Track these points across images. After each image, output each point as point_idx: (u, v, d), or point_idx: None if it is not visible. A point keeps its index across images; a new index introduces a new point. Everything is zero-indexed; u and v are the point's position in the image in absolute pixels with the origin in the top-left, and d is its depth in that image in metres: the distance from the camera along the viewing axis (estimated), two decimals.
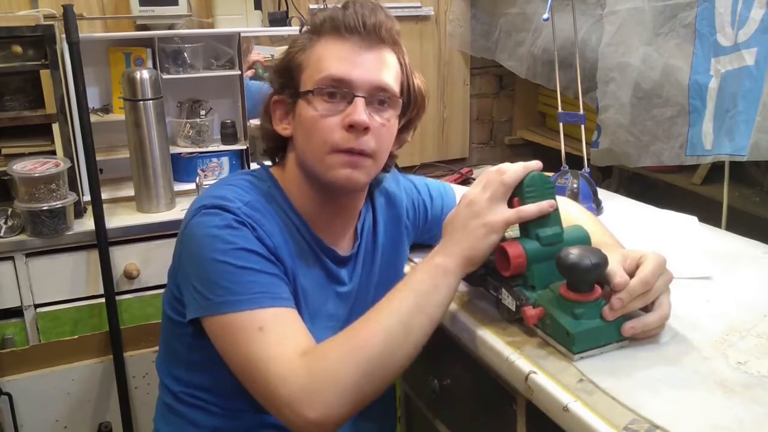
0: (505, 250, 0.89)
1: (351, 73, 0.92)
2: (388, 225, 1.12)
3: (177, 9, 1.86)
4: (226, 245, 0.88)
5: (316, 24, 0.98)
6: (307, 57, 0.97)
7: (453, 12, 2.43)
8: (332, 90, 0.93)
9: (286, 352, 0.82)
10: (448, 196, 1.18)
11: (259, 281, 0.87)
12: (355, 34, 0.94)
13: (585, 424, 0.72)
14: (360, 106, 0.92)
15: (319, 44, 0.96)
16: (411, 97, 1.02)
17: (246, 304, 0.85)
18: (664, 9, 1.52)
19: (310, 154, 0.95)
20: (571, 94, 1.76)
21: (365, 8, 0.95)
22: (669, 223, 1.36)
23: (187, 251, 0.92)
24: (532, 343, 0.88)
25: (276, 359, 0.82)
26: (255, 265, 0.88)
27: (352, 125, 0.91)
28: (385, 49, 0.96)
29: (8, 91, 1.67)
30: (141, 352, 1.68)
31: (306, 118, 0.94)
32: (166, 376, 1.04)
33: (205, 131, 1.97)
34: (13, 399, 1.58)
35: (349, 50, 0.94)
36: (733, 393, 0.75)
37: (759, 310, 0.96)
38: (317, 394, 0.79)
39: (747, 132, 1.30)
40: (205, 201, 0.93)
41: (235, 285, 0.86)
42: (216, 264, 0.87)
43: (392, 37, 0.97)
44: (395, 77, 0.97)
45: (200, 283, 0.89)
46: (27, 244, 1.58)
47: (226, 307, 0.86)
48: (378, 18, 0.94)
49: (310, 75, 0.95)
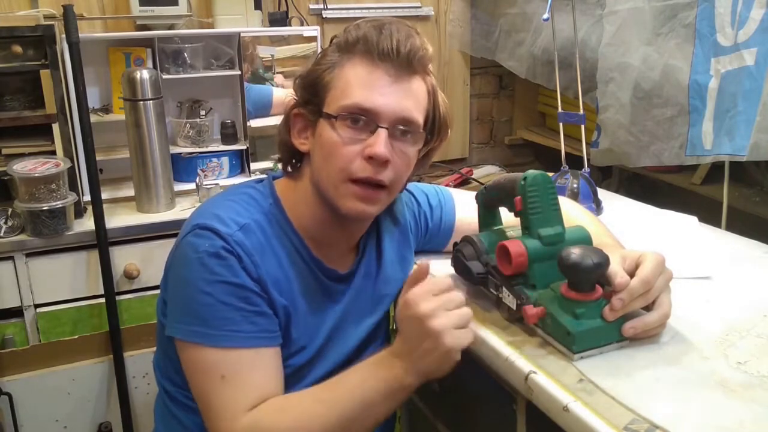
0: (506, 248, 0.89)
1: (377, 104, 0.90)
2: (393, 240, 1.11)
3: (177, 9, 1.86)
4: (212, 276, 0.88)
5: (349, 42, 0.94)
6: (335, 77, 0.93)
7: (453, 12, 2.43)
8: (356, 117, 0.91)
9: (234, 412, 0.86)
10: (447, 204, 1.18)
11: (234, 319, 0.89)
12: (387, 61, 0.91)
13: (585, 424, 0.72)
14: (382, 138, 0.90)
15: (348, 65, 0.93)
16: (435, 127, 1.00)
17: (217, 340, 0.88)
18: (664, 9, 1.52)
19: (325, 178, 0.94)
20: (571, 94, 1.76)
21: (401, 33, 0.92)
22: (669, 223, 1.36)
23: (175, 270, 0.93)
24: (532, 343, 0.88)
25: (224, 416, 0.87)
26: (235, 301, 0.89)
27: (372, 157, 0.90)
28: (415, 79, 0.94)
29: (8, 91, 1.67)
30: (141, 352, 1.68)
31: (326, 140, 0.93)
32: (162, 377, 1.05)
33: (205, 131, 1.97)
34: (13, 399, 1.58)
35: (378, 79, 0.91)
36: (733, 393, 0.75)
37: (759, 310, 0.96)
38: None
39: (747, 132, 1.31)
40: (201, 219, 0.92)
41: (212, 319, 0.88)
42: (198, 293, 0.88)
43: (423, 65, 0.94)
44: (421, 109, 0.95)
45: (181, 305, 0.91)
46: (27, 244, 1.58)
47: (197, 337, 0.88)
48: (413, 45, 0.91)
49: (335, 97, 0.93)
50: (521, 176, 0.92)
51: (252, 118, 1.98)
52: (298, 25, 2.16)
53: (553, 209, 0.92)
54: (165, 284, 0.97)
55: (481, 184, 1.92)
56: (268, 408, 0.87)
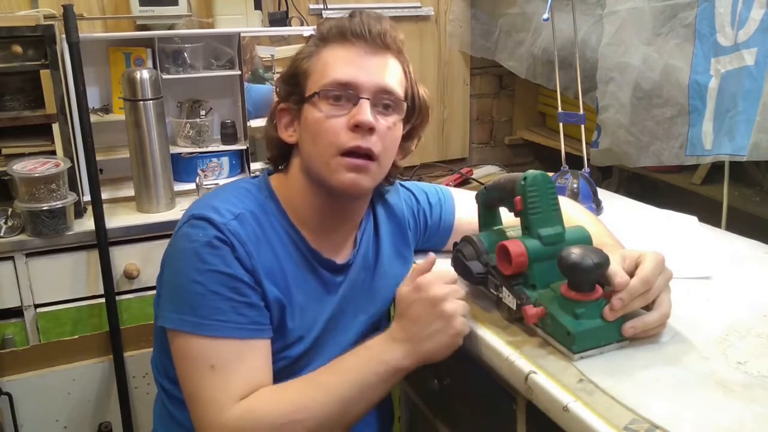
0: (507, 248, 0.89)
1: (356, 76, 0.94)
2: (391, 235, 1.12)
3: (177, 9, 1.86)
4: (204, 265, 0.89)
5: (323, 32, 0.99)
6: (313, 63, 0.98)
7: (453, 12, 2.43)
8: (338, 93, 0.94)
9: (223, 402, 0.86)
10: (447, 203, 1.18)
11: (224, 309, 0.89)
12: (361, 39, 0.96)
13: (585, 424, 0.72)
14: (365, 107, 0.93)
15: (325, 50, 0.98)
16: (415, 105, 1.03)
17: (206, 330, 0.88)
18: (664, 9, 1.52)
19: (315, 158, 0.96)
20: (571, 94, 1.76)
21: (371, 17, 0.97)
22: (669, 223, 1.36)
23: (170, 261, 0.94)
24: (532, 343, 0.88)
25: (213, 406, 0.86)
26: (226, 291, 0.89)
27: (358, 125, 0.92)
28: (389, 55, 0.98)
29: (8, 91, 1.67)
30: (141, 352, 1.68)
31: (312, 120, 0.95)
32: (160, 375, 1.05)
33: (205, 131, 1.97)
34: (13, 399, 1.58)
35: (355, 54, 0.96)
36: (733, 393, 0.75)
37: (759, 310, 0.96)
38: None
39: (747, 132, 1.31)
40: (197, 210, 0.94)
41: (201, 308, 0.88)
42: (190, 283, 0.89)
43: (397, 45, 0.99)
44: (400, 82, 0.99)
45: (173, 294, 0.92)
46: (27, 244, 1.58)
47: (187, 326, 0.89)
48: (383, 26, 0.97)
49: (315, 80, 0.97)
50: (521, 176, 0.92)
51: (252, 118, 1.98)
52: (298, 25, 2.16)
53: (553, 209, 0.92)
54: (160, 277, 0.98)
55: (481, 184, 1.92)
56: (261, 396, 0.88)
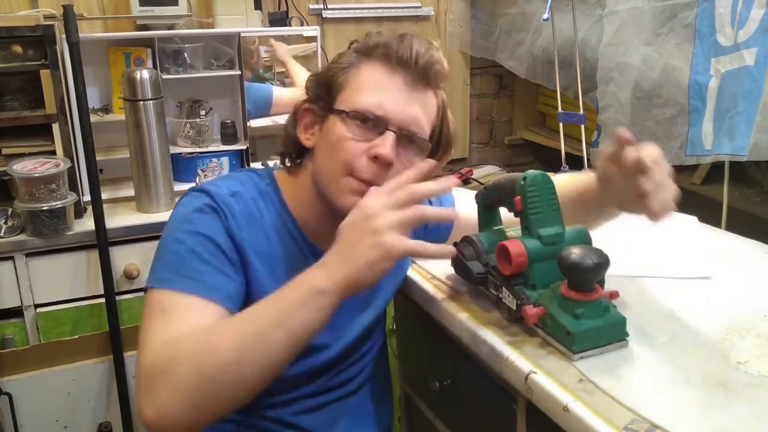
0: (506, 248, 0.89)
1: (389, 108, 0.91)
2: None
3: (177, 9, 1.86)
4: (189, 226, 0.90)
5: (368, 46, 0.95)
6: (350, 77, 0.95)
7: (453, 12, 2.43)
8: (366, 117, 0.92)
9: (156, 342, 0.80)
10: (446, 202, 1.18)
11: (197, 268, 0.87)
12: (405, 68, 0.92)
13: (585, 424, 0.72)
14: (390, 140, 0.91)
15: (365, 67, 0.94)
16: (440, 142, 1.01)
17: (173, 284, 0.85)
18: (664, 9, 1.52)
19: (327, 172, 0.94)
20: (571, 94, 1.76)
21: (421, 45, 0.93)
22: (669, 223, 1.36)
23: (164, 231, 0.94)
24: (532, 343, 0.88)
25: (147, 346, 0.80)
26: (204, 253, 0.88)
27: (377, 157, 0.90)
28: (428, 91, 0.95)
29: (8, 91, 1.67)
30: None
31: (334, 134, 0.93)
32: None
33: (205, 131, 1.97)
34: (13, 399, 1.58)
35: (394, 83, 0.93)
36: (733, 393, 0.75)
37: (759, 310, 0.96)
38: (154, 392, 0.76)
39: (747, 132, 1.31)
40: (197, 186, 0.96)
41: (174, 264, 0.87)
42: (172, 242, 0.89)
43: (439, 80, 0.96)
44: (429, 120, 0.96)
45: (157, 256, 0.91)
46: (27, 244, 1.58)
47: (162, 283, 0.86)
48: (431, 57, 0.93)
49: (348, 96, 0.94)
50: (521, 176, 0.92)
51: (252, 118, 1.98)
52: (298, 25, 2.16)
53: (553, 209, 0.92)
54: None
55: (481, 184, 1.92)
56: (181, 339, 0.80)
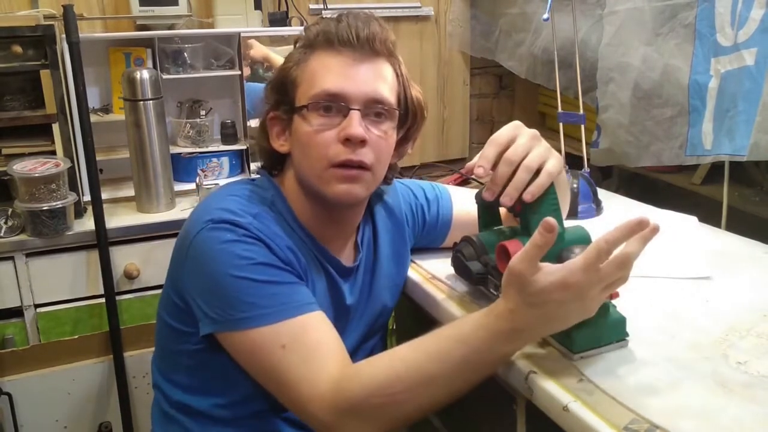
0: (506, 248, 0.89)
1: (345, 87, 0.91)
2: (389, 236, 1.11)
3: (177, 9, 1.86)
4: (243, 261, 0.87)
5: (310, 38, 0.96)
6: (301, 72, 0.95)
7: (453, 12, 2.43)
8: (327, 104, 0.92)
9: (313, 376, 0.83)
10: (443, 199, 1.18)
11: (281, 293, 0.87)
12: (349, 46, 0.92)
13: (585, 424, 0.72)
14: (355, 119, 0.91)
15: (312, 58, 0.95)
16: (408, 109, 1.00)
17: (270, 318, 0.85)
18: (664, 9, 1.52)
19: (308, 171, 0.94)
20: (571, 94, 1.76)
21: (359, 20, 0.93)
22: (669, 223, 1.36)
23: (197, 266, 0.90)
24: (532, 343, 0.88)
25: (304, 382, 0.83)
26: (275, 277, 0.88)
27: (348, 138, 0.90)
28: (379, 60, 0.95)
29: (8, 91, 1.67)
30: (141, 352, 1.68)
31: (302, 134, 0.94)
32: (161, 377, 1.03)
33: (205, 131, 1.97)
34: (13, 399, 1.58)
35: (343, 63, 0.92)
36: (733, 393, 0.75)
37: (759, 310, 0.96)
38: (343, 427, 0.82)
39: (747, 132, 1.31)
40: (211, 214, 0.90)
41: (260, 299, 0.86)
42: (234, 280, 0.86)
43: (387, 48, 0.95)
44: (391, 89, 0.96)
45: (216, 298, 0.88)
46: (27, 244, 1.58)
47: (249, 322, 0.85)
48: (372, 29, 0.93)
49: (304, 90, 0.94)
50: None
51: (252, 118, 1.98)
52: (298, 25, 2.16)
53: (553, 209, 0.92)
54: (177, 284, 0.94)
55: (481, 184, 1.91)
56: (356, 376, 0.83)
